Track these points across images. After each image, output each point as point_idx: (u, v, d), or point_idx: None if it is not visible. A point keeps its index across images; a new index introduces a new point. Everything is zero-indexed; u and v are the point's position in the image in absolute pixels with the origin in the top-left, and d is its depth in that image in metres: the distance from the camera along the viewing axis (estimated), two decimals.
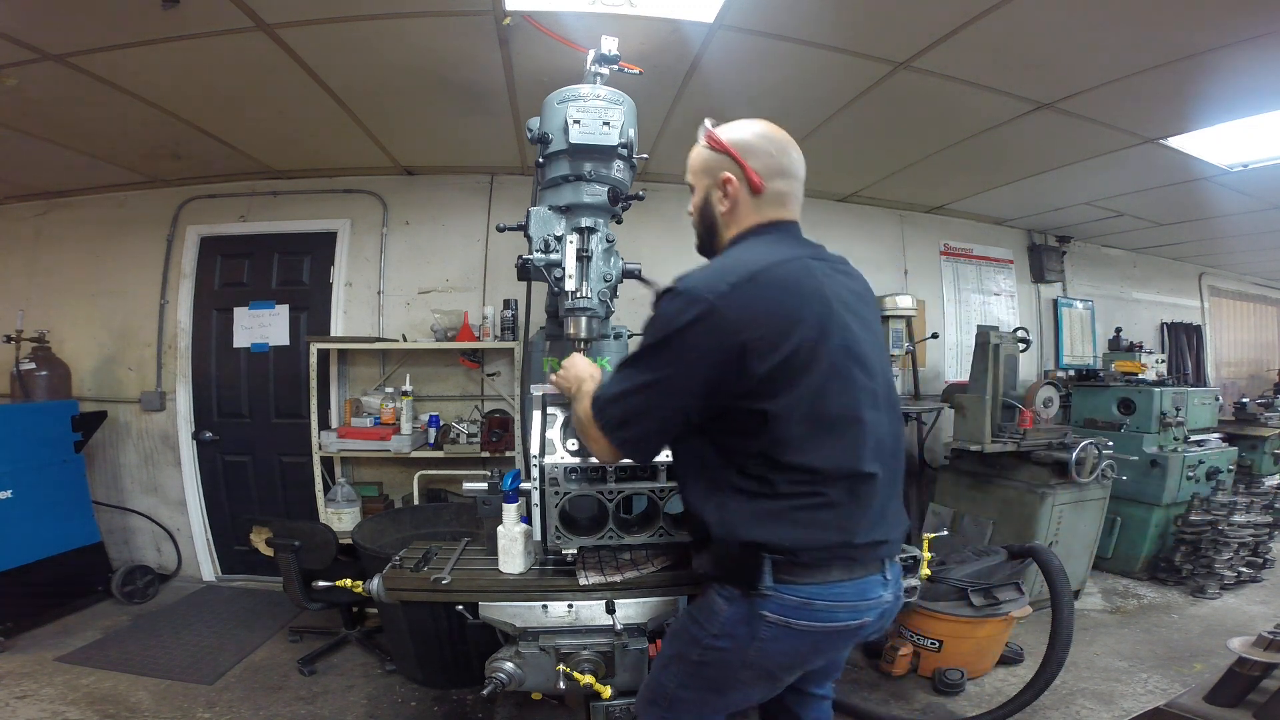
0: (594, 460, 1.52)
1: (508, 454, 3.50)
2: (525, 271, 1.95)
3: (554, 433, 1.56)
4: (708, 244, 1.36)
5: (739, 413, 1.14)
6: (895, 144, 3.42)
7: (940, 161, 3.59)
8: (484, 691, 1.49)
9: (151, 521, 3.90)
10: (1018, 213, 4.74)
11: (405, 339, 3.74)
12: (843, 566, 1.15)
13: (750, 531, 1.14)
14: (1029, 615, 2.81)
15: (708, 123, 1.32)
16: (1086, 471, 3.28)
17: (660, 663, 1.35)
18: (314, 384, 3.49)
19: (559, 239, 1.76)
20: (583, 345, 1.80)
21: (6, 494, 3.07)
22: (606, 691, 1.53)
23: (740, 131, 1.29)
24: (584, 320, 1.75)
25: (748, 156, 1.26)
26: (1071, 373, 4.86)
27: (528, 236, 1.79)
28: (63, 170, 3.58)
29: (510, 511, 1.60)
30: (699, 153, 1.34)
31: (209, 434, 3.87)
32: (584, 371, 1.40)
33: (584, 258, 1.72)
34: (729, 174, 1.27)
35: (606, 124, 1.71)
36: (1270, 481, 4.54)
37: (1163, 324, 5.90)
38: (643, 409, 1.19)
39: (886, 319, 3.31)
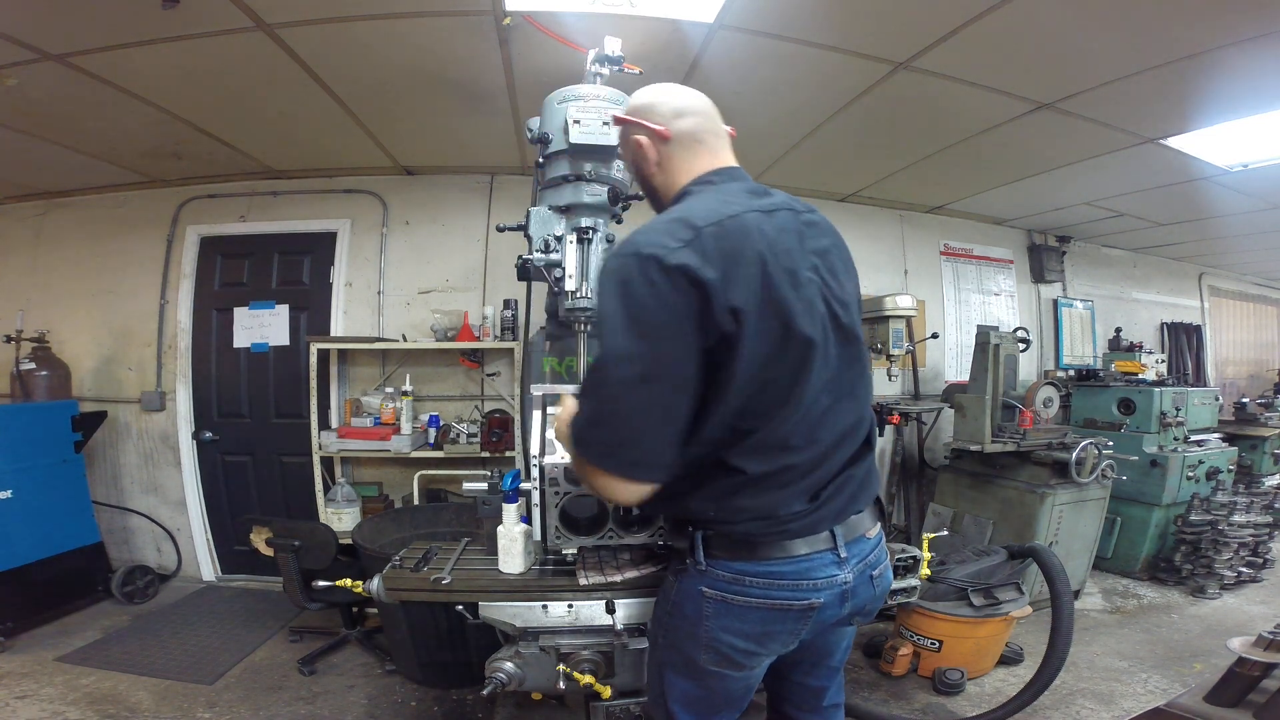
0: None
1: (508, 454, 3.50)
2: (525, 271, 1.95)
3: (554, 433, 1.56)
4: (660, 210, 1.31)
5: None
6: (895, 144, 3.42)
7: (940, 161, 3.59)
8: (484, 691, 1.49)
9: (151, 521, 3.90)
10: (1018, 213, 4.74)
11: (405, 339, 3.74)
12: (773, 543, 1.13)
13: (685, 501, 1.15)
14: (1029, 615, 2.81)
15: (610, 114, 1.37)
16: (1086, 471, 3.28)
17: (646, 666, 1.36)
18: (314, 384, 3.49)
19: (559, 239, 1.76)
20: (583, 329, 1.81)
21: (6, 494, 3.07)
22: (606, 691, 1.53)
23: (636, 96, 1.32)
24: (584, 320, 1.76)
25: (643, 114, 1.28)
26: (1071, 373, 4.86)
27: (528, 236, 1.79)
28: (63, 170, 3.58)
29: (510, 511, 1.60)
30: (621, 139, 1.37)
31: (209, 434, 3.87)
32: (566, 411, 1.24)
33: (584, 240, 1.72)
34: (636, 136, 1.27)
35: (606, 124, 1.71)
36: (1270, 481, 4.54)
37: (1163, 324, 5.90)
38: (643, 410, 1.01)
39: (886, 319, 3.31)
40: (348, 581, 1.84)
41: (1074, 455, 3.22)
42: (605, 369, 1.03)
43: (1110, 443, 3.42)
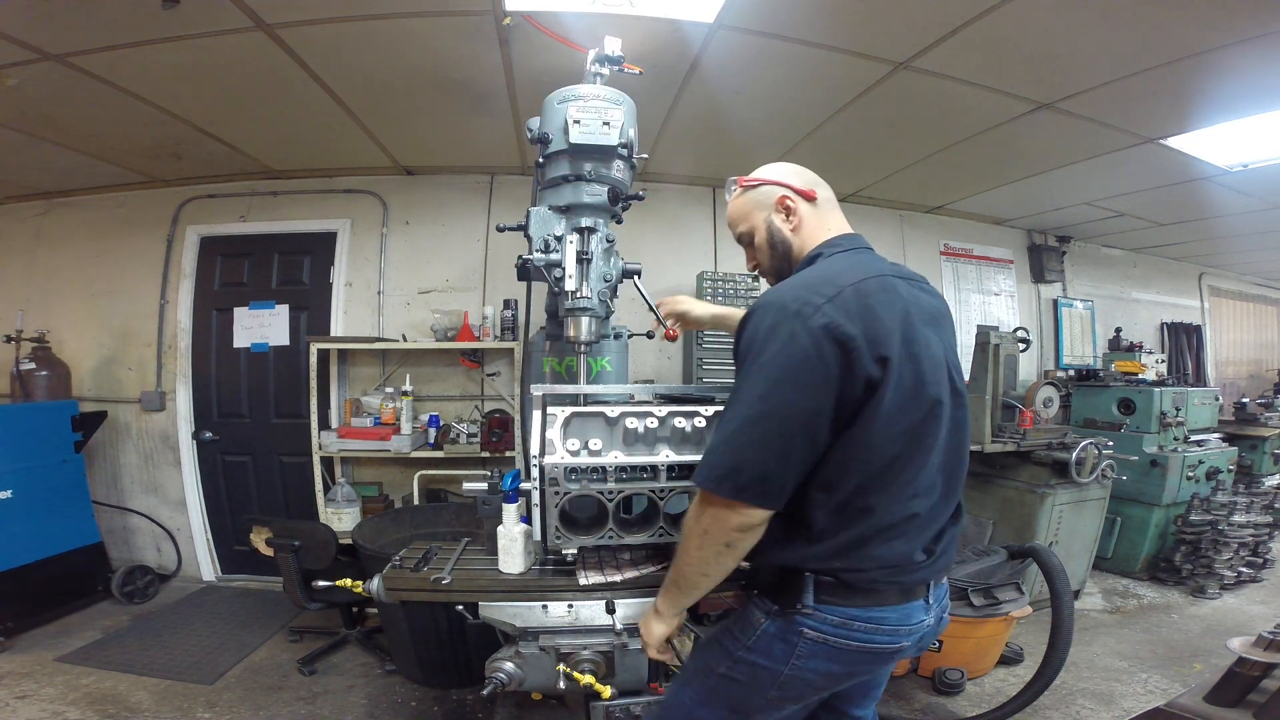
0: (600, 460, 1.49)
1: (508, 454, 3.50)
2: (525, 271, 1.95)
3: (554, 433, 1.56)
4: (785, 269, 1.36)
5: None
6: (895, 144, 3.42)
7: (940, 161, 3.59)
8: (484, 691, 1.49)
9: (151, 521, 3.90)
10: (1018, 213, 4.74)
11: (405, 339, 3.74)
12: (893, 592, 1.16)
13: (799, 552, 1.14)
14: (1029, 615, 2.81)
15: (733, 178, 1.42)
16: (1086, 471, 3.28)
17: (682, 678, 1.33)
18: (314, 384, 3.49)
19: (559, 239, 1.76)
20: (583, 347, 1.80)
21: (6, 494, 3.07)
22: (606, 691, 1.53)
23: (765, 169, 1.40)
24: (584, 320, 1.76)
25: (784, 179, 1.36)
26: (1071, 373, 4.86)
27: (528, 236, 1.79)
28: (63, 170, 3.58)
29: (510, 511, 1.60)
30: (738, 199, 1.41)
31: (209, 434, 3.87)
32: (650, 608, 1.32)
33: (584, 259, 1.72)
34: (783, 193, 1.34)
35: (607, 124, 1.71)
36: (1270, 481, 4.54)
37: (1163, 324, 5.90)
38: (757, 443, 1.07)
39: None
40: (348, 581, 1.84)
41: (1074, 455, 3.22)
42: (730, 409, 1.11)
43: (1110, 443, 3.43)
